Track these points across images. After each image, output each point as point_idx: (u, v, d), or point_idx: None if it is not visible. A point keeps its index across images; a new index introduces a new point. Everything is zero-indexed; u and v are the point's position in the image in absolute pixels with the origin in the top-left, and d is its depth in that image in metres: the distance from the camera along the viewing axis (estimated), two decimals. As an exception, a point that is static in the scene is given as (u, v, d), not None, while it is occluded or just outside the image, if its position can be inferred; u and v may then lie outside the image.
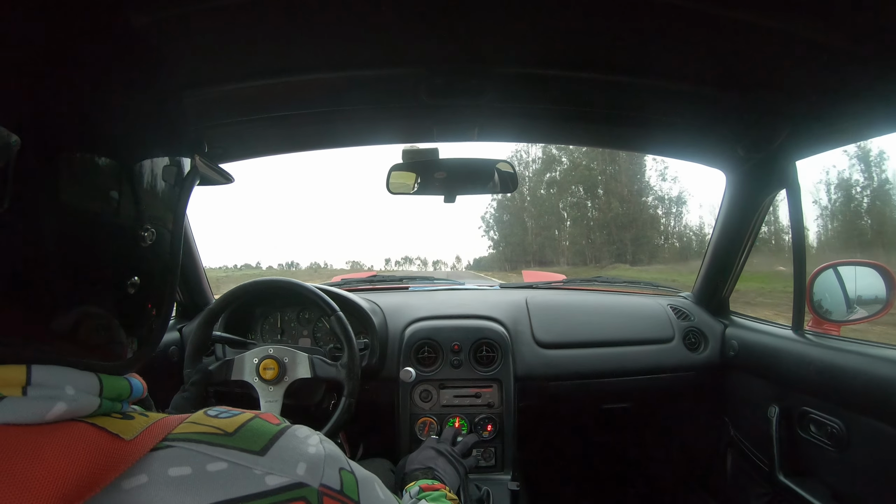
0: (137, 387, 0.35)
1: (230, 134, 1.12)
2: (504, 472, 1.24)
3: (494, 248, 43.68)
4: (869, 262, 1.13)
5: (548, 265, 36.17)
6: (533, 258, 38.58)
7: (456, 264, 66.34)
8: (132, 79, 0.35)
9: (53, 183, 0.28)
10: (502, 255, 41.57)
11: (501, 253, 42.16)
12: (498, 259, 42.77)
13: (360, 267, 73.53)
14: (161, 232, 0.37)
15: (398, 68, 0.87)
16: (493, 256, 44.83)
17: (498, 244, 43.07)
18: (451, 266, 65.48)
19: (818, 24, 0.68)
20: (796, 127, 0.96)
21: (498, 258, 42.53)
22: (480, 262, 52.47)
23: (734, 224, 1.30)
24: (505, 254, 41.51)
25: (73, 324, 0.32)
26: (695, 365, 1.38)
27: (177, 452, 0.29)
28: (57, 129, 0.28)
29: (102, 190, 0.31)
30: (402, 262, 78.35)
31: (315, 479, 0.32)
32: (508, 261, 39.53)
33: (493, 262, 43.67)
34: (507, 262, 39.57)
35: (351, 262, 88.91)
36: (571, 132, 1.21)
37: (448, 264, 69.16)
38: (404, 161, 1.21)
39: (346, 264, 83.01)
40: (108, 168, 0.32)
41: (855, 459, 0.93)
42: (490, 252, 44.04)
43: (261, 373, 1.02)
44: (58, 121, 0.29)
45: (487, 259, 47.37)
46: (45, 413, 0.26)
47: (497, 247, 43.06)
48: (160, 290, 0.39)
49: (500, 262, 41.73)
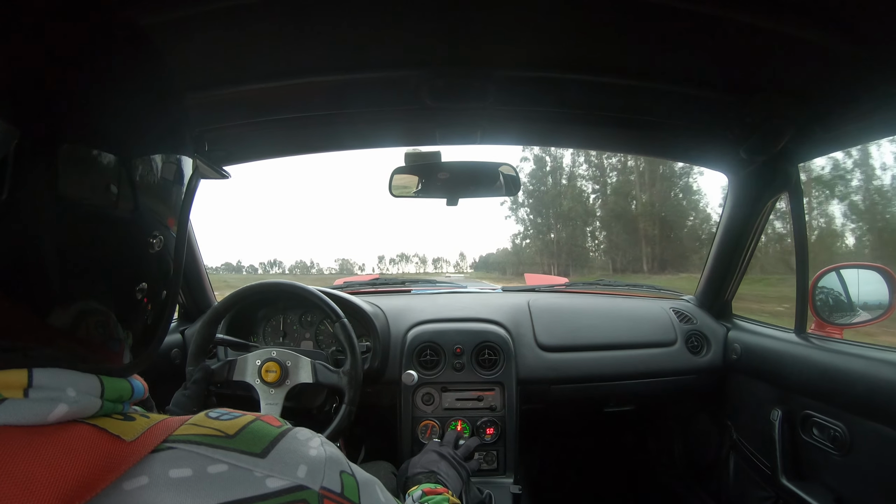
0: (138, 388, 0.35)
1: (233, 137, 1.12)
2: (506, 475, 1.24)
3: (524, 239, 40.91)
4: (872, 265, 1.13)
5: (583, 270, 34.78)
6: (563, 262, 36.57)
7: (460, 262, 64.89)
8: (135, 76, 0.35)
9: (53, 178, 0.28)
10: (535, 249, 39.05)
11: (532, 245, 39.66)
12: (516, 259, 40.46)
13: (350, 265, 72.83)
14: (166, 235, 0.37)
15: (400, 71, 0.87)
16: (507, 254, 42.14)
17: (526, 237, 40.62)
18: (455, 265, 64.13)
19: (821, 27, 0.68)
20: (799, 130, 0.96)
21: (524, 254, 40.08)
22: (488, 261, 50.50)
23: (737, 227, 1.30)
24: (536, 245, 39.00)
25: (77, 325, 0.32)
26: (697, 368, 1.37)
27: (178, 454, 0.29)
28: (56, 124, 0.29)
29: (103, 187, 0.31)
30: (398, 260, 77.16)
31: (315, 482, 0.32)
32: (536, 261, 37.43)
33: (514, 258, 41.00)
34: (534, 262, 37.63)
35: (340, 259, 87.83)
36: (575, 135, 1.21)
37: (451, 262, 67.68)
38: (407, 164, 1.21)
39: (334, 262, 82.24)
40: (108, 165, 0.32)
41: (858, 463, 0.93)
42: (522, 242, 41.12)
43: (262, 375, 1.02)
44: (57, 115, 0.29)
45: (497, 258, 45.02)
46: (47, 415, 0.27)
47: (525, 238, 40.69)
48: (165, 293, 0.39)
49: (515, 263, 39.76)
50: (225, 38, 0.75)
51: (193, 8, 0.65)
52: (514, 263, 40.98)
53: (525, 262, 38.61)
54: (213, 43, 0.76)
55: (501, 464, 1.25)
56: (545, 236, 38.14)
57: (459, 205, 1.26)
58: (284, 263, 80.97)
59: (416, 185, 1.24)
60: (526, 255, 39.71)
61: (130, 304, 0.35)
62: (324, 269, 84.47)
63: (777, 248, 16.78)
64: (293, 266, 76.24)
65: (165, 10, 0.64)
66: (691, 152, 1.27)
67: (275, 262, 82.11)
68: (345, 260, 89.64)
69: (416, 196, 1.25)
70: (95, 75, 0.31)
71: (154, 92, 0.37)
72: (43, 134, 0.28)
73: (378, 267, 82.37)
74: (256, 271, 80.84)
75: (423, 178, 1.23)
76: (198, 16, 0.67)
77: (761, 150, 1.05)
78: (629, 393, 1.38)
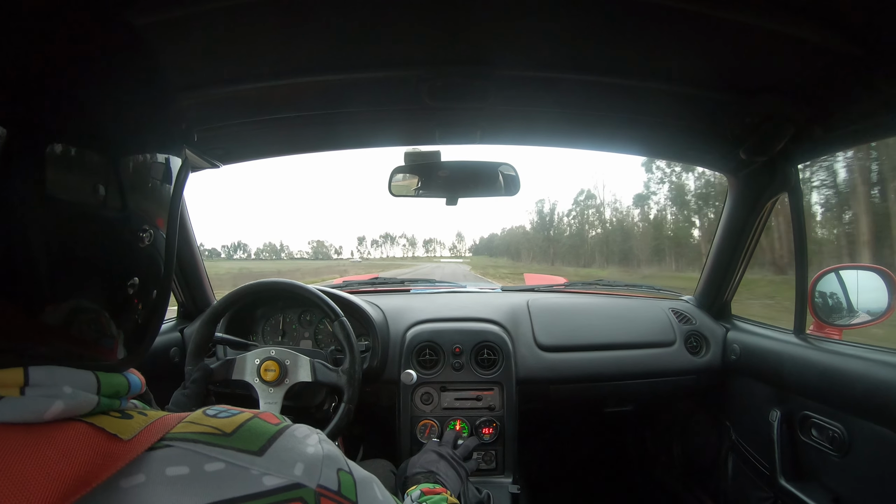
0: (136, 382, 0.35)
1: (231, 135, 1.12)
2: (505, 474, 1.24)
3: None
4: (871, 266, 1.13)
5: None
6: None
7: (457, 244, 63.31)
8: (124, 75, 0.35)
9: (41, 176, 0.28)
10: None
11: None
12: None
13: (326, 248, 71.71)
14: (156, 230, 0.37)
15: (399, 70, 0.87)
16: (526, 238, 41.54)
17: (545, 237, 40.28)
18: (451, 247, 62.67)
19: (821, 28, 0.68)
20: (799, 130, 0.96)
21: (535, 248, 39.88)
22: (492, 243, 49.43)
23: (736, 227, 1.30)
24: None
25: (70, 323, 0.32)
26: (696, 369, 1.37)
27: (175, 452, 0.29)
28: (45, 121, 0.29)
29: (91, 185, 0.31)
30: (382, 242, 75.42)
31: (312, 480, 0.32)
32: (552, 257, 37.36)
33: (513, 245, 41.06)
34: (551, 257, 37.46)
35: (314, 242, 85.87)
36: (575, 135, 1.21)
37: (446, 245, 65.96)
38: (406, 163, 1.21)
39: (307, 245, 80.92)
40: (97, 162, 0.32)
41: (856, 464, 0.93)
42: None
43: (261, 374, 1.02)
44: (46, 114, 0.29)
45: (505, 239, 44.35)
46: (44, 412, 0.27)
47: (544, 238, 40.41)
48: (157, 288, 0.39)
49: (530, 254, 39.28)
50: (224, 36, 0.75)
51: (193, 7, 0.65)
52: (536, 248, 40.33)
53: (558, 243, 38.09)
54: (212, 42, 0.76)
55: (500, 463, 1.25)
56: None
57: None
58: (250, 247, 79.81)
59: (415, 184, 1.24)
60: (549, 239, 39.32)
61: (122, 301, 0.35)
62: (294, 253, 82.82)
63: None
64: (261, 250, 75.10)
65: (165, 9, 0.64)
66: (691, 152, 1.27)
67: (239, 246, 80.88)
68: (319, 242, 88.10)
69: (415, 195, 1.25)
70: (84, 74, 0.31)
71: (144, 90, 0.37)
72: (31, 133, 0.28)
73: (358, 250, 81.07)
74: (219, 255, 79.62)
75: (422, 178, 1.23)
76: (197, 14, 0.67)
77: (761, 151, 1.05)
78: (628, 393, 1.38)
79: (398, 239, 67.60)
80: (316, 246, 78.33)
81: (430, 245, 66.36)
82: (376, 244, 69.34)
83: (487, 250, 46.01)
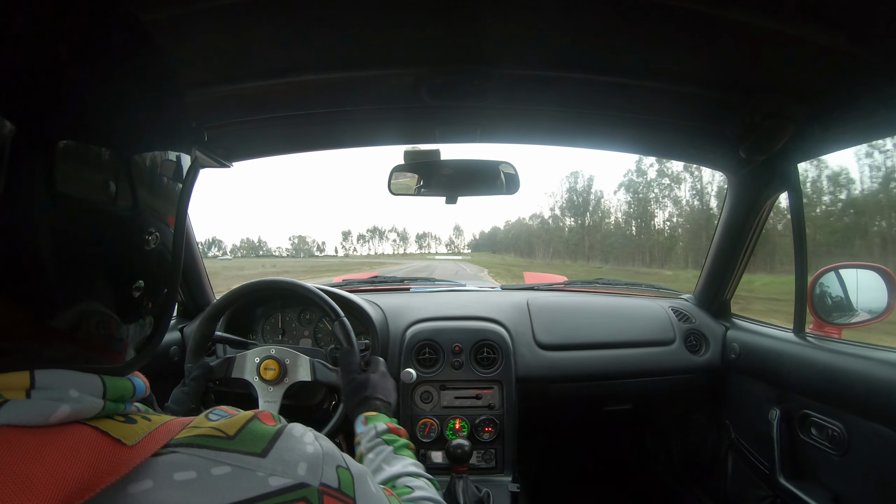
0: (140, 386, 0.35)
1: (232, 134, 1.12)
2: (504, 473, 1.24)
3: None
4: (871, 265, 1.13)
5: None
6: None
7: (454, 240, 61.17)
8: (134, 72, 0.35)
9: (50, 175, 0.28)
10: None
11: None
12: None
13: (307, 244, 69.81)
14: (164, 232, 0.37)
15: (399, 68, 0.87)
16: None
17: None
18: (447, 242, 60.53)
19: (821, 27, 0.68)
20: (799, 130, 0.96)
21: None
22: (494, 238, 46.60)
23: (736, 226, 1.30)
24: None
25: (77, 325, 0.31)
26: (696, 367, 1.38)
27: (180, 458, 0.29)
28: (53, 119, 0.28)
29: (100, 183, 0.31)
30: (369, 237, 72.70)
31: (315, 479, 0.33)
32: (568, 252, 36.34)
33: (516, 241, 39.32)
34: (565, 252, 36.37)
35: (295, 238, 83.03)
36: (575, 133, 1.21)
37: (442, 240, 63.39)
38: (406, 162, 1.21)
39: (287, 241, 78.75)
40: (107, 158, 0.31)
41: (856, 462, 0.93)
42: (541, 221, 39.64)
43: (261, 373, 1.02)
44: (54, 110, 0.28)
45: (510, 232, 42.54)
46: (49, 415, 0.27)
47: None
48: (164, 291, 0.39)
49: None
50: (226, 35, 0.75)
51: (195, 5, 0.65)
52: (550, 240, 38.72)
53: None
54: (214, 40, 0.76)
55: (500, 462, 1.26)
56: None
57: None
58: (225, 243, 77.70)
59: (415, 182, 1.24)
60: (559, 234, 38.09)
61: (130, 302, 0.35)
62: (273, 250, 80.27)
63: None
64: (237, 247, 73.26)
65: (167, 7, 0.64)
66: (691, 151, 1.27)
67: (214, 242, 78.85)
68: (300, 238, 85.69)
69: (415, 194, 1.25)
70: (94, 71, 0.31)
71: (153, 88, 0.37)
72: (40, 130, 0.28)
73: (343, 246, 78.62)
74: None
75: (422, 176, 1.23)
76: (199, 13, 0.67)
77: (761, 150, 1.05)
78: (628, 392, 1.38)
79: (388, 234, 63.89)
80: (297, 242, 75.86)
81: (424, 241, 62.69)
82: (363, 240, 65.95)
83: (490, 246, 43.90)
